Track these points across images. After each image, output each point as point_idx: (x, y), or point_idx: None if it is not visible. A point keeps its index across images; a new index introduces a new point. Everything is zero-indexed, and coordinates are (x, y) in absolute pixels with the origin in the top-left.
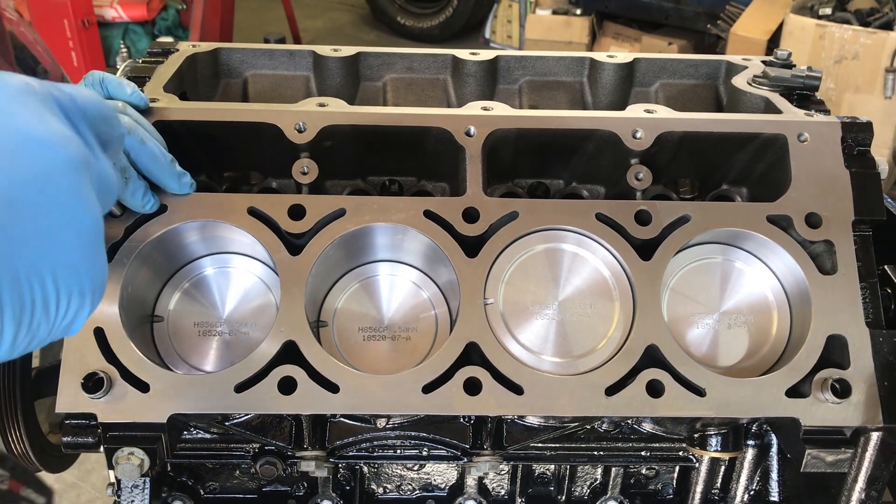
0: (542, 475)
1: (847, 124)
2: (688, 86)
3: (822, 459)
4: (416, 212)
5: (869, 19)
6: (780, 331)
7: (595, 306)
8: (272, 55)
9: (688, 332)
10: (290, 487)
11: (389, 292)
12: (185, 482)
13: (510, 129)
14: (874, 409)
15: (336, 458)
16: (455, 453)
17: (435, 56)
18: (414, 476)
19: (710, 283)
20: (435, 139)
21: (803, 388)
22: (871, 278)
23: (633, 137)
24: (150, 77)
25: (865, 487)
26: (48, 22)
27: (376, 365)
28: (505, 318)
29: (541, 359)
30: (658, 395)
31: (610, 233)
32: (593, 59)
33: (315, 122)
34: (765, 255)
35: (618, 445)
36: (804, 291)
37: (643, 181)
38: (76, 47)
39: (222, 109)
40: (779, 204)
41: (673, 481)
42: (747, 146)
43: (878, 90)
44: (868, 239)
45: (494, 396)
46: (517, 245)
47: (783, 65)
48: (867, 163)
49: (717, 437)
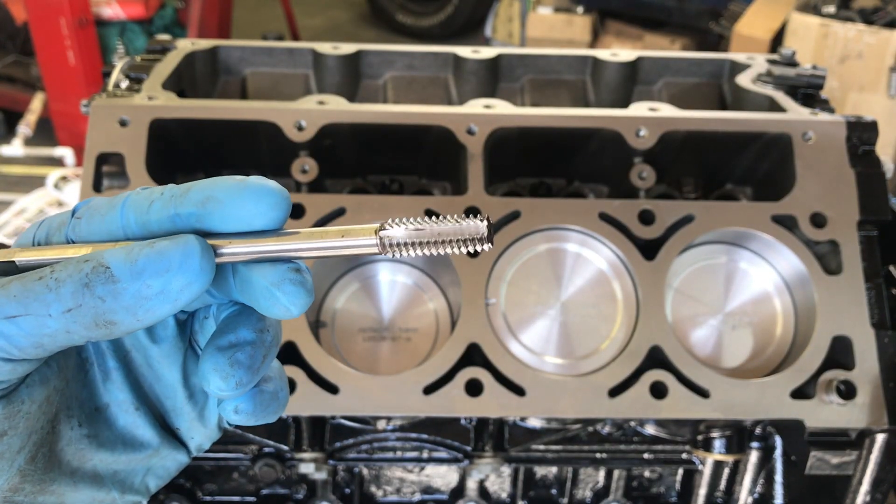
0: (543, 478)
1: (852, 123)
2: (691, 84)
3: (826, 461)
4: (416, 211)
5: (873, 18)
6: (784, 332)
7: (598, 307)
8: (271, 53)
9: (692, 333)
10: (288, 490)
11: (389, 292)
12: (183, 484)
13: (512, 128)
14: (879, 410)
15: (335, 460)
16: (456, 455)
17: (436, 54)
18: (414, 478)
19: (714, 284)
20: (436, 137)
21: (808, 389)
22: (876, 279)
23: (637, 136)
24: (149, 75)
25: (870, 490)
26: (45, 20)
27: (376, 366)
28: (507, 318)
29: (543, 360)
30: (661, 396)
31: (613, 232)
32: (596, 58)
33: (315, 121)
34: (769, 255)
35: (620, 448)
36: (809, 292)
37: (647, 180)
38: (73, 46)
39: (221, 107)
40: (784, 203)
41: (676, 484)
42: (752, 145)
43: (883, 89)
44: (873, 239)
45: (496, 398)
46: (519, 245)
47: (787, 63)
48: (872, 162)
49: (721, 439)
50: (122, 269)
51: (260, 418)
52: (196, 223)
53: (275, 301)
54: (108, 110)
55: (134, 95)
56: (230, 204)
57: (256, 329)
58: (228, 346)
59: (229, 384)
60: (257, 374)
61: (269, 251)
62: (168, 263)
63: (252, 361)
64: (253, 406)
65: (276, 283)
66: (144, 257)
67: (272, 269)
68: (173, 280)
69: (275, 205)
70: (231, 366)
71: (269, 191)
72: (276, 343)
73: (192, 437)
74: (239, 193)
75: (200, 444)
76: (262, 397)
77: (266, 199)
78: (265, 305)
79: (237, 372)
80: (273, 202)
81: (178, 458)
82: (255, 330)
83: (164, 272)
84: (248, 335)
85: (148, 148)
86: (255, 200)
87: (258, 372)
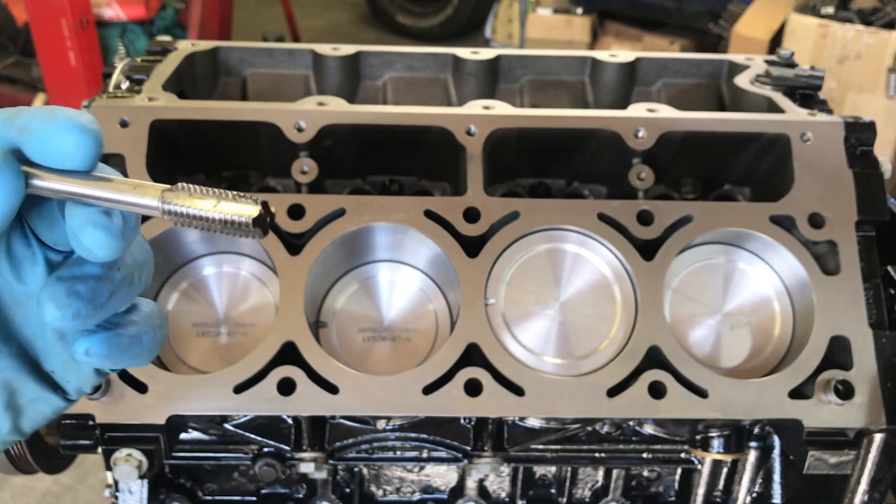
0: (542, 477)
1: (850, 124)
2: (690, 85)
3: (824, 461)
4: (416, 212)
5: (871, 18)
6: (782, 332)
7: (597, 307)
8: (271, 54)
9: (690, 333)
10: (289, 489)
11: (389, 293)
12: (184, 484)
13: (511, 129)
14: (877, 410)
15: (335, 459)
16: (455, 455)
17: (435, 55)
18: (414, 478)
19: (712, 284)
20: (435, 138)
21: (806, 389)
22: (874, 279)
23: (635, 137)
24: (149, 76)
25: (868, 489)
26: (45, 21)
27: (376, 366)
28: (506, 318)
29: (542, 360)
30: (660, 396)
31: (612, 233)
32: (595, 59)
33: (315, 121)
34: (767, 255)
35: (619, 447)
36: (807, 292)
37: (645, 181)
38: (74, 47)
39: (221, 108)
40: (782, 204)
41: (675, 483)
42: (750, 146)
43: (881, 90)
44: (871, 239)
45: (495, 398)
46: (518, 245)
47: (786, 64)
48: (870, 163)
49: (720, 438)
50: None
51: (118, 362)
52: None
53: (78, 241)
54: (109, 111)
55: (134, 96)
56: (39, 135)
57: (104, 265)
58: (70, 278)
59: (65, 314)
60: (101, 309)
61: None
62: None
63: (94, 295)
64: (107, 349)
65: (80, 224)
66: None
67: (79, 210)
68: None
69: (81, 144)
70: (68, 296)
71: (76, 126)
72: (131, 283)
73: (68, 381)
74: (47, 125)
75: (80, 388)
76: (118, 340)
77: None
78: (75, 245)
79: (74, 303)
80: (79, 141)
81: (53, 401)
82: (103, 266)
83: None
84: (93, 270)
85: (148, 149)
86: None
87: (102, 308)
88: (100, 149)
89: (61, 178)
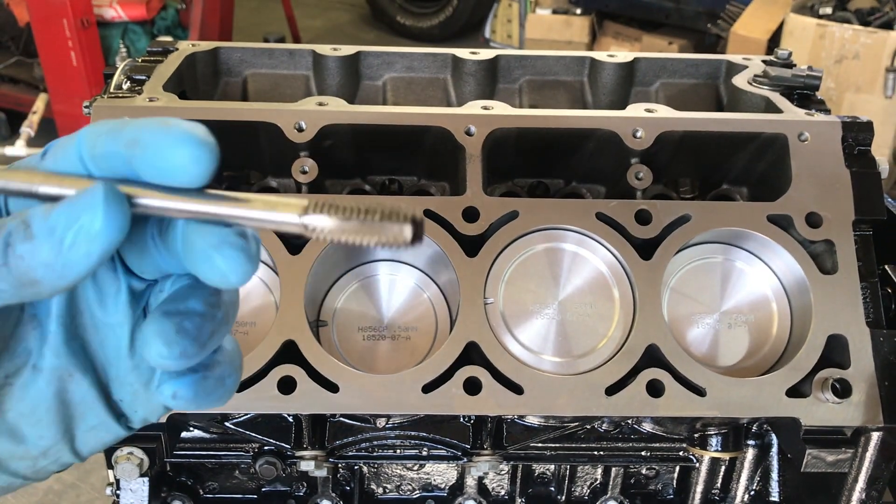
0: (542, 475)
1: (848, 124)
2: (688, 85)
3: (822, 459)
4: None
5: (869, 19)
6: (780, 330)
7: (595, 306)
8: (272, 54)
9: (688, 332)
10: (289, 487)
11: (389, 292)
12: (185, 482)
13: (510, 129)
14: (875, 408)
15: (335, 457)
16: (455, 453)
17: (435, 55)
18: (413, 476)
19: (710, 283)
20: (435, 138)
21: (804, 387)
22: (871, 278)
23: (634, 137)
24: (150, 76)
25: (866, 487)
26: (47, 21)
27: (376, 364)
28: (505, 317)
29: (541, 358)
30: (658, 394)
31: (610, 232)
32: (593, 59)
33: (315, 122)
34: (765, 254)
35: (618, 445)
36: (805, 291)
37: (643, 181)
38: (75, 47)
39: (222, 108)
40: (779, 203)
41: (673, 481)
42: (748, 146)
43: (879, 90)
44: (868, 238)
45: (494, 396)
46: (517, 244)
47: (784, 64)
48: (868, 162)
49: (718, 437)
50: (40, 225)
51: (201, 405)
52: (125, 165)
53: (212, 265)
54: (110, 111)
55: (135, 97)
56: (152, 149)
57: (208, 303)
58: (176, 313)
59: (173, 351)
60: (203, 349)
61: (187, 209)
62: (77, 215)
63: (199, 333)
64: (194, 392)
65: (215, 245)
66: (57, 212)
67: (214, 231)
68: (82, 232)
69: (197, 158)
70: (177, 332)
71: (192, 138)
72: (227, 322)
73: (135, 411)
74: (162, 138)
75: (146, 418)
76: (204, 384)
77: (188, 149)
78: (203, 269)
79: (182, 341)
80: (195, 155)
81: (115, 429)
82: (207, 303)
83: (73, 225)
84: (198, 306)
85: None
86: (176, 147)
87: (204, 347)
88: (216, 164)
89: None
